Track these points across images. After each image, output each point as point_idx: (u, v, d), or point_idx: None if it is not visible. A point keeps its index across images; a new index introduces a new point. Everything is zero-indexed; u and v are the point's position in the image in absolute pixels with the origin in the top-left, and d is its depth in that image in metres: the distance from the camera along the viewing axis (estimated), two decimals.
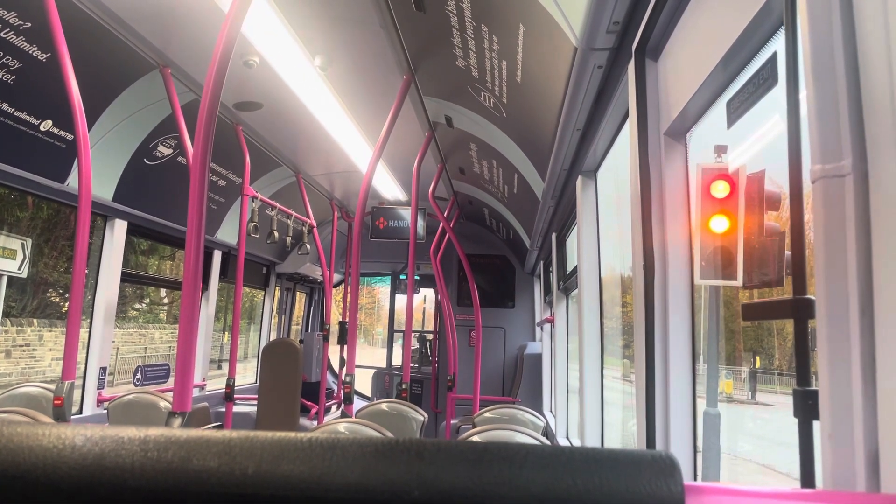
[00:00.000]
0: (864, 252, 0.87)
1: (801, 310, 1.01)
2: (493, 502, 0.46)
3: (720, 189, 1.62)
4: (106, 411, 4.04)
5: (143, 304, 19.45)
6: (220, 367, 17.09)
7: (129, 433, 0.49)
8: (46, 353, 13.99)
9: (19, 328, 13.43)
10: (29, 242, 11.95)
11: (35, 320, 14.06)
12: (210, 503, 0.46)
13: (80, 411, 4.66)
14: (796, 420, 1.01)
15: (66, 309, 15.22)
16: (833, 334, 0.90)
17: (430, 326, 10.92)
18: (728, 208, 1.61)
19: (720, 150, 1.66)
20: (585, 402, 3.71)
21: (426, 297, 11.38)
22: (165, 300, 20.26)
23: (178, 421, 2.52)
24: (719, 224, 1.61)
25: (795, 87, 1.03)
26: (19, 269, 11.67)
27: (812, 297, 0.97)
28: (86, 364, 4.72)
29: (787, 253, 1.26)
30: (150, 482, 0.46)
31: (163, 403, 3.87)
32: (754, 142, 1.81)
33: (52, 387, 3.64)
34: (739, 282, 1.57)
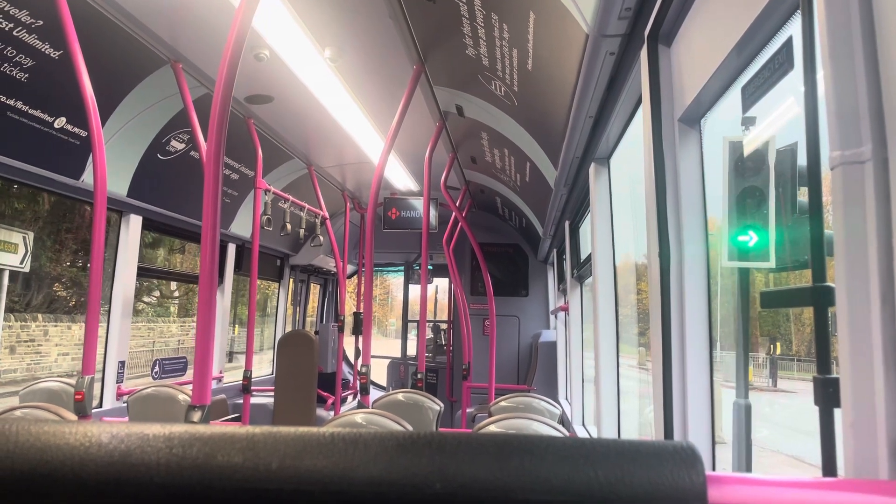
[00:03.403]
0: (884, 239, 0.86)
1: (820, 297, 1.00)
2: (514, 494, 0.46)
3: (749, 164, 1.50)
4: (125, 405, 4.09)
5: (153, 298, 19.45)
6: (230, 360, 17.15)
7: (153, 430, 0.50)
8: (52, 349, 13.93)
9: (23, 324, 13.36)
10: (31, 236, 11.90)
11: (40, 315, 13.98)
12: (235, 498, 0.47)
13: (100, 405, 4.72)
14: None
15: (73, 304, 15.26)
16: (854, 322, 0.89)
17: (442, 316, 10.94)
18: (758, 184, 1.49)
19: (748, 122, 1.57)
20: (601, 390, 3.70)
21: (438, 287, 11.37)
22: (176, 293, 20.30)
23: (197, 414, 2.55)
24: (749, 201, 1.50)
25: (812, 71, 1.02)
26: (21, 263, 11.59)
27: (832, 285, 0.96)
28: (104, 358, 4.77)
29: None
30: (175, 478, 0.47)
31: (181, 396, 3.91)
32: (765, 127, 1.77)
33: (73, 382, 3.69)
34: (772, 263, 1.46)
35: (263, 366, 8.60)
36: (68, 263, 15.79)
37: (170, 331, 18.74)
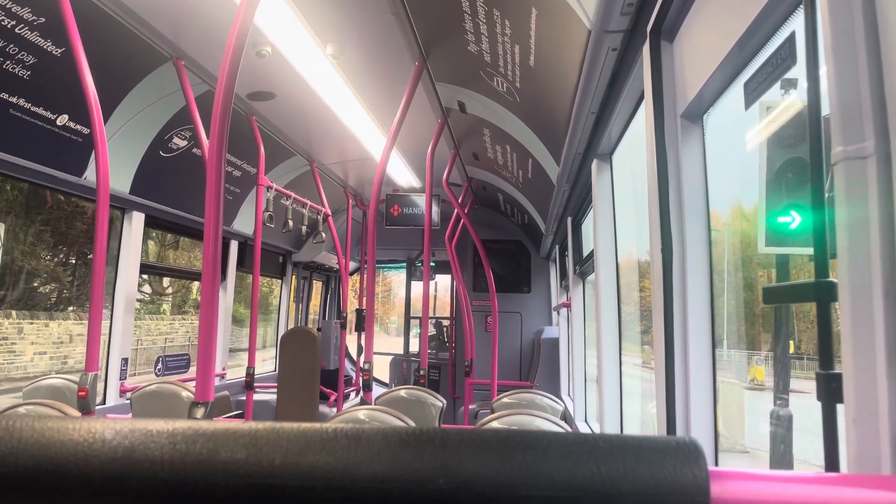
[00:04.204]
0: (887, 234, 0.86)
1: (823, 293, 1.00)
2: (517, 490, 0.46)
3: (790, 132, 1.30)
4: (129, 401, 4.10)
5: (143, 294, 19.04)
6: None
7: (157, 426, 0.50)
8: (28, 347, 13.25)
9: None
10: (2, 229, 11.44)
11: (14, 312, 13.20)
12: (238, 494, 0.47)
13: (104, 402, 4.73)
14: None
15: (53, 300, 14.94)
16: (856, 317, 0.89)
17: (444, 313, 10.94)
18: (802, 155, 1.28)
19: (788, 85, 1.35)
20: (604, 386, 3.70)
21: (439, 284, 11.35)
22: (169, 290, 20.00)
23: (200, 410, 2.56)
24: (789, 176, 1.29)
25: (815, 67, 1.02)
26: None
27: (834, 281, 0.96)
28: (107, 355, 4.78)
29: None
30: (179, 474, 0.47)
31: (185, 393, 3.92)
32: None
33: (76, 378, 3.70)
34: None
35: (260, 364, 8.61)
36: (47, 258, 15.07)
37: (158, 328, 18.36)
